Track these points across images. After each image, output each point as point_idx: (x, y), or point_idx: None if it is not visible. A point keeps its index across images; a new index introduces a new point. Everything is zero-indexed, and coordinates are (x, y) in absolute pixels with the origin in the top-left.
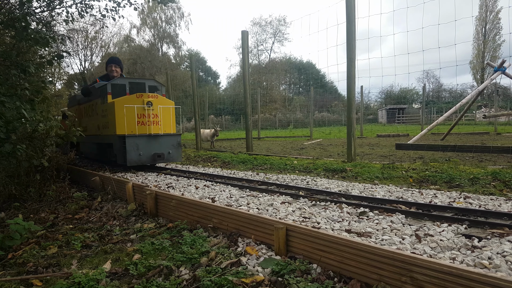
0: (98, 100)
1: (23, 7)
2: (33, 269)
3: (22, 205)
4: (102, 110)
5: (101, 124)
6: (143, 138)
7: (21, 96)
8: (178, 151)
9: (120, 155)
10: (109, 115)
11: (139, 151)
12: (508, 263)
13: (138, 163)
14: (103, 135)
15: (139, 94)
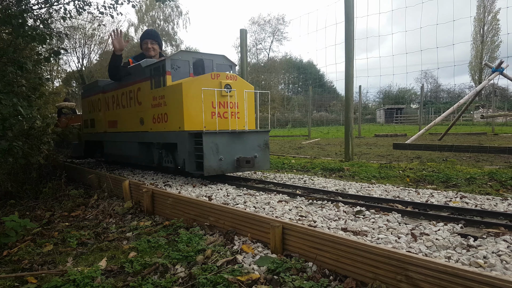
0: (144, 84)
1: (20, 3)
2: (28, 267)
3: (18, 203)
4: (156, 96)
5: (149, 117)
6: (224, 136)
7: (18, 93)
8: (266, 154)
9: (191, 160)
10: (170, 103)
11: (219, 155)
12: (503, 262)
13: (218, 172)
14: (155, 132)
15: (215, 74)
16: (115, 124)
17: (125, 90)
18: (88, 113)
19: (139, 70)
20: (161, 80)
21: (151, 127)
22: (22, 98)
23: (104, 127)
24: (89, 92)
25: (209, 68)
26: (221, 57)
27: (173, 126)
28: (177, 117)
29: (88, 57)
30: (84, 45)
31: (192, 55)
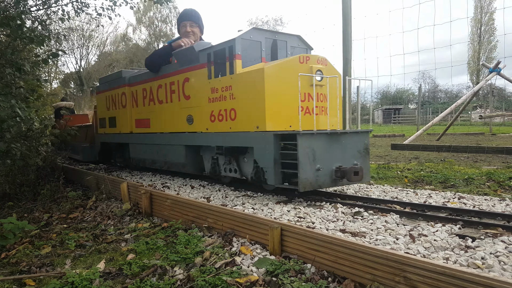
0: (196, 73)
1: (18, 5)
2: (26, 269)
3: (16, 205)
4: (216, 88)
5: (204, 114)
6: (321, 139)
7: (16, 94)
8: (367, 162)
9: (274, 170)
10: (242, 96)
11: (316, 163)
12: (501, 263)
13: (315, 186)
14: (215, 133)
15: (304, 57)
16: (146, 123)
17: (164, 81)
18: (106, 111)
19: (190, 56)
20: (227, 66)
21: (207, 126)
22: (20, 100)
23: (130, 126)
24: (108, 85)
25: (282, 51)
26: (296, 38)
27: (245, 125)
28: (254, 114)
29: (86, 59)
30: (82, 46)
31: (264, 34)
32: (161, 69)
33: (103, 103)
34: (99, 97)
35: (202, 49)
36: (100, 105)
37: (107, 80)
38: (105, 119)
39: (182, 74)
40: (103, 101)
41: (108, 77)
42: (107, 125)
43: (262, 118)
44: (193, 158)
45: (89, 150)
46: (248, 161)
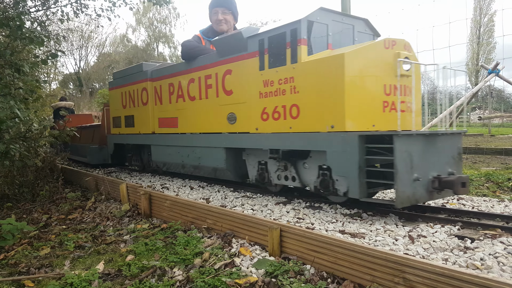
0: (242, 64)
1: (17, 6)
2: (25, 270)
3: (15, 205)
4: (271, 80)
5: (253, 111)
6: (418, 141)
7: (15, 95)
8: (461, 169)
9: (359, 180)
10: (309, 89)
11: (414, 172)
12: (500, 264)
13: (412, 201)
14: (269, 134)
15: (390, 41)
16: (173, 122)
17: (197, 75)
18: (122, 109)
19: (234, 44)
20: (287, 54)
21: (256, 126)
22: (19, 101)
23: (152, 126)
24: (125, 80)
25: (348, 37)
26: (363, 23)
27: (312, 125)
28: (327, 111)
29: (86, 59)
30: (82, 47)
31: (331, 16)
32: (194, 61)
33: (118, 100)
34: (112, 94)
35: (253, 35)
36: (113, 103)
37: (124, 75)
38: (120, 118)
39: (222, 66)
40: (118, 98)
41: (125, 71)
42: (123, 125)
43: (339, 115)
44: (234, 163)
45: (98, 152)
46: (310, 167)
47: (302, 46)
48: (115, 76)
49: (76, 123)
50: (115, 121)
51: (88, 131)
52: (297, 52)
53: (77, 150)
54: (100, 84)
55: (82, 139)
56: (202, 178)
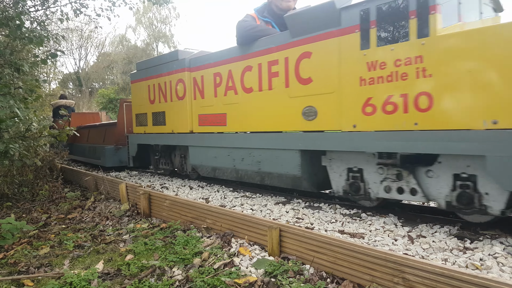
0: (339, 41)
1: (17, 5)
2: (24, 269)
3: (14, 205)
4: (380, 62)
5: (348, 103)
6: None
7: (14, 95)
8: None
9: None
10: (460, 71)
11: None
12: (499, 264)
13: None
14: (375, 132)
15: None
16: (219, 119)
17: (257, 61)
18: (149, 104)
19: (320, 18)
20: (412, 26)
21: (354, 122)
22: (19, 100)
23: (190, 124)
24: (153, 71)
25: (474, 9)
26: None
27: (457, 120)
28: (486, 100)
29: (85, 59)
30: (81, 47)
31: None
32: (252, 45)
33: (143, 95)
34: (136, 87)
35: (350, 5)
36: (137, 98)
37: (152, 65)
38: (146, 115)
39: (296, 48)
40: (143, 92)
41: (153, 60)
42: (150, 123)
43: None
44: (310, 170)
45: (113, 154)
46: (438, 176)
47: (437, 15)
48: (140, 67)
49: (82, 122)
50: (139, 118)
51: (98, 130)
52: (428, 23)
53: (84, 151)
54: (99, 84)
55: (91, 138)
56: (202, 179)
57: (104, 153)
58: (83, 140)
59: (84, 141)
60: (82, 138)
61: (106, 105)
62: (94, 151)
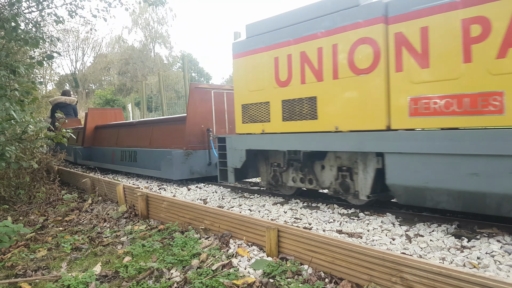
0: None
1: (12, 7)
2: (22, 272)
3: (11, 207)
4: None
5: None
6: None
7: (10, 97)
8: None
9: None
10: None
11: None
12: (496, 263)
13: None
14: None
15: None
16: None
17: None
18: (275, 87)
19: None
20: None
21: None
22: (15, 102)
23: (383, 115)
24: (286, 34)
25: None
26: None
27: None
28: None
29: (82, 60)
30: (78, 48)
31: None
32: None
33: (263, 73)
34: (245, 64)
35: None
36: (247, 79)
37: (287, 23)
38: (268, 105)
39: None
40: (263, 69)
41: (292, 15)
42: (277, 116)
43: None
44: None
45: (183, 161)
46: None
47: None
48: (257, 30)
49: (101, 120)
50: (251, 111)
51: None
52: None
53: (113, 156)
54: (96, 85)
55: (130, 140)
56: (199, 179)
57: (171, 160)
58: (110, 142)
59: (112, 144)
60: (108, 140)
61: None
62: (147, 158)
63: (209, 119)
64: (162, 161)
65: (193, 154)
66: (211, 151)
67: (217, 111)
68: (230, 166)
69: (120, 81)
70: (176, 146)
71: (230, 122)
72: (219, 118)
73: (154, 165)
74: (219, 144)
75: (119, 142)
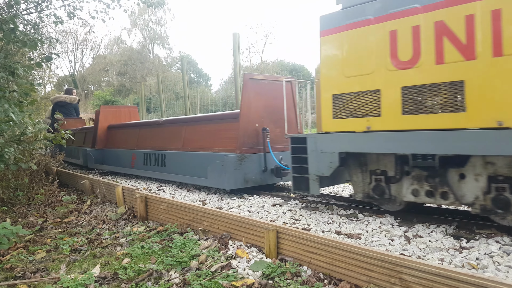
0: None
1: (11, 9)
2: (21, 274)
3: (10, 209)
4: None
5: None
6: None
7: (9, 98)
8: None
9: None
10: None
11: None
12: (495, 263)
13: None
14: None
15: None
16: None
17: None
18: (390, 70)
19: None
20: None
21: None
22: (13, 104)
23: None
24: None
25: None
26: None
27: None
28: None
29: (81, 61)
30: (77, 49)
31: None
32: None
33: (369, 53)
34: (341, 42)
35: None
36: (344, 61)
37: None
38: (379, 94)
39: None
40: (371, 48)
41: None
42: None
43: None
44: None
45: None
46: None
47: None
48: (353, 0)
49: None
50: (347, 103)
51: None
52: None
53: (133, 160)
54: (95, 86)
55: (156, 141)
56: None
57: (223, 166)
58: (128, 144)
59: (132, 146)
60: (125, 141)
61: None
62: (181, 162)
63: (264, 117)
64: (209, 167)
65: (248, 158)
66: (267, 155)
67: (273, 106)
68: (314, 174)
69: (119, 82)
70: (224, 149)
71: (290, 120)
72: (275, 115)
73: (192, 171)
74: (294, 145)
75: (141, 144)
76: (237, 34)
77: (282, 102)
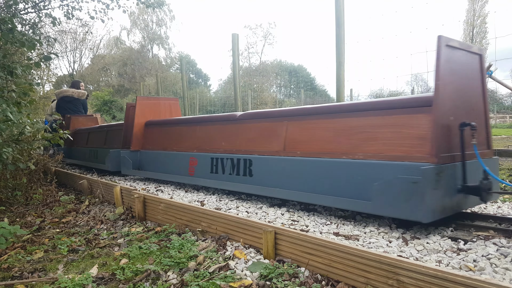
0: None
1: (9, 9)
2: (18, 274)
3: (8, 209)
4: None
5: None
6: None
7: (7, 98)
8: None
9: None
10: None
11: None
12: (492, 265)
13: None
14: None
15: None
16: None
17: None
18: None
19: None
20: None
21: None
22: (12, 104)
23: None
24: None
25: None
26: None
27: None
28: None
29: (80, 61)
30: (75, 49)
31: None
32: None
33: None
34: None
35: None
36: None
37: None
38: None
39: None
40: None
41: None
42: None
43: None
44: None
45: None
46: None
47: None
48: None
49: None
50: None
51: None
52: None
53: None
54: (94, 86)
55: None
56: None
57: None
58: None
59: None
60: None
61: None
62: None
63: (458, 106)
64: (376, 184)
65: (445, 171)
66: (467, 165)
67: (464, 90)
68: None
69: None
70: (388, 156)
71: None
72: (467, 103)
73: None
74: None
75: (202, 145)
76: (237, 35)
77: (476, 84)
